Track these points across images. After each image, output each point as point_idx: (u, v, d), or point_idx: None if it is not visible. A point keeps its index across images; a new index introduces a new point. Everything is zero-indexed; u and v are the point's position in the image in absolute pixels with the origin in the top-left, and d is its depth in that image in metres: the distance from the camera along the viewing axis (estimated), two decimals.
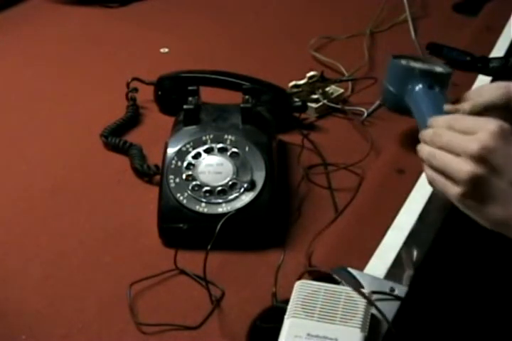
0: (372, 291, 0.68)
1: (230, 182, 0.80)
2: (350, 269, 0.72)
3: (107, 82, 1.13)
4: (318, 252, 0.77)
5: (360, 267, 0.73)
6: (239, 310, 0.71)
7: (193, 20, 1.35)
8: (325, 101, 1.03)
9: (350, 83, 1.09)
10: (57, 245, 0.80)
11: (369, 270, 0.73)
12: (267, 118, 0.91)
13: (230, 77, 0.99)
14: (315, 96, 1.04)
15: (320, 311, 0.64)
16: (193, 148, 0.82)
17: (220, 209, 0.78)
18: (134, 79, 1.04)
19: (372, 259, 0.75)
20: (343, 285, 0.68)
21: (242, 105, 0.86)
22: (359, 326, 0.63)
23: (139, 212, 0.85)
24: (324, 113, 1.04)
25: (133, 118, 1.02)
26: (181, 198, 0.79)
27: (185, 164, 0.81)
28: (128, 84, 1.04)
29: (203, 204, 0.79)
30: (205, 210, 0.78)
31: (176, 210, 0.79)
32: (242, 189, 0.79)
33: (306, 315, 0.64)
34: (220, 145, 0.82)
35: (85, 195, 0.88)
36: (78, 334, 0.69)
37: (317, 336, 0.62)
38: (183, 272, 0.76)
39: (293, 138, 0.97)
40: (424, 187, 0.71)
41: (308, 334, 0.62)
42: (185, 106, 0.85)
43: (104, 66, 1.19)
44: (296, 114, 1.00)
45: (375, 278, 0.72)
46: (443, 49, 1.13)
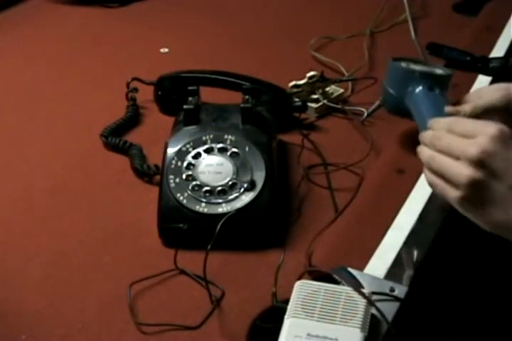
0: (373, 292, 0.68)
1: (230, 182, 0.80)
2: (350, 269, 0.72)
3: (107, 82, 1.13)
4: (318, 252, 0.77)
5: (360, 267, 0.73)
6: (239, 310, 0.71)
7: (193, 20, 1.35)
8: (325, 101, 1.03)
9: (350, 83, 1.09)
10: (57, 245, 0.80)
11: (369, 270, 0.73)
12: (267, 118, 0.91)
13: (230, 77, 0.99)
14: (315, 96, 1.04)
15: (320, 311, 0.64)
16: (193, 148, 0.82)
17: (220, 209, 0.78)
18: (134, 79, 1.04)
19: (372, 259, 0.75)
20: (343, 285, 0.68)
21: (242, 105, 0.86)
22: (359, 326, 0.63)
23: (139, 212, 0.85)
24: (324, 113, 1.04)
25: (133, 118, 1.02)
26: (181, 198, 0.79)
27: (185, 164, 0.81)
28: (128, 84, 1.04)
29: (203, 204, 0.79)
30: (205, 210, 0.78)
31: (176, 210, 0.79)
32: (242, 189, 0.79)
33: (306, 315, 0.64)
34: (220, 145, 0.82)
35: (85, 195, 0.88)
36: (78, 334, 0.69)
37: (317, 336, 0.62)
38: (183, 272, 0.76)
39: (293, 138, 0.97)
40: (424, 187, 0.71)
41: (308, 334, 0.62)
42: (185, 106, 0.85)
43: (104, 66, 1.19)
44: (296, 114, 1.00)
45: (375, 278, 0.72)
46: (443, 49, 1.13)
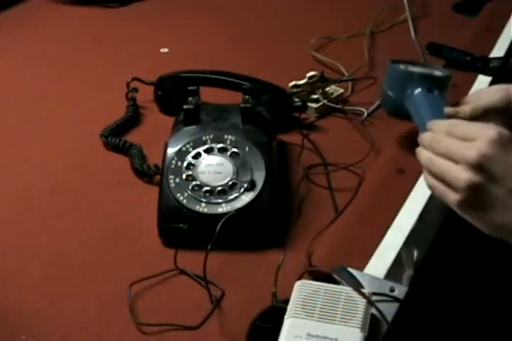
0: (373, 293, 0.68)
1: (230, 182, 0.80)
2: (350, 269, 0.72)
3: (107, 82, 1.13)
4: (318, 252, 0.77)
5: (360, 267, 0.73)
6: (239, 310, 0.71)
7: (193, 20, 1.35)
8: (325, 101, 1.03)
9: (350, 83, 1.09)
10: (57, 245, 0.80)
11: (369, 270, 0.73)
12: (267, 118, 0.91)
13: (230, 77, 0.99)
14: (315, 96, 1.04)
15: (320, 311, 0.64)
16: (193, 148, 0.82)
17: (220, 209, 0.78)
18: (134, 79, 1.04)
19: (372, 259, 0.75)
20: (343, 285, 0.68)
21: (242, 105, 0.86)
22: (359, 326, 0.63)
23: (139, 212, 0.85)
24: (324, 113, 1.04)
25: (133, 118, 1.02)
26: (181, 198, 0.79)
27: (185, 164, 0.81)
28: (128, 84, 1.04)
29: (203, 204, 0.79)
30: (205, 210, 0.78)
31: (176, 210, 0.79)
32: (242, 189, 0.79)
33: (306, 315, 0.64)
34: (220, 145, 0.82)
35: (85, 195, 0.88)
36: (78, 334, 0.69)
37: (317, 336, 0.62)
38: (183, 272, 0.76)
39: (293, 138, 0.97)
40: (424, 187, 0.71)
41: (308, 334, 0.62)
42: (185, 106, 0.85)
43: (104, 66, 1.19)
44: (296, 114, 1.00)
45: (375, 278, 0.72)
46: (443, 49, 1.13)
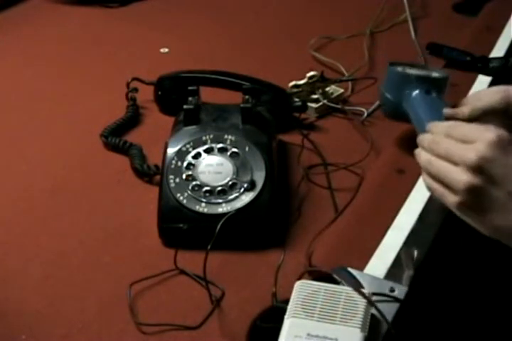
0: (373, 293, 0.68)
1: (230, 182, 0.80)
2: (350, 269, 0.72)
3: (107, 82, 1.13)
4: (318, 252, 0.77)
5: (360, 267, 0.73)
6: (239, 310, 0.71)
7: (193, 20, 1.35)
8: (325, 101, 1.03)
9: (350, 83, 1.09)
10: (57, 245, 0.80)
11: (369, 270, 0.73)
12: (267, 118, 0.91)
13: (230, 77, 0.99)
14: (315, 96, 1.04)
15: (320, 311, 0.64)
16: (193, 148, 0.82)
17: (220, 209, 0.78)
18: (134, 79, 1.04)
19: (372, 259, 0.75)
20: (343, 285, 0.68)
21: (242, 105, 0.86)
22: (359, 326, 0.63)
23: (139, 212, 0.85)
24: (324, 113, 1.04)
25: (133, 118, 1.02)
26: (181, 198, 0.79)
27: (185, 164, 0.81)
28: (128, 84, 1.04)
29: (203, 204, 0.79)
30: (205, 210, 0.78)
31: (176, 210, 0.79)
32: (242, 189, 0.79)
33: (306, 315, 0.64)
34: (220, 145, 0.82)
35: (85, 195, 0.88)
36: (78, 334, 0.69)
37: (317, 336, 0.62)
38: (183, 272, 0.76)
39: (293, 138, 0.97)
40: (424, 187, 0.71)
41: (308, 334, 0.62)
42: (185, 106, 0.85)
43: (104, 66, 1.19)
44: (296, 114, 1.00)
45: (375, 278, 0.72)
46: (443, 49, 1.13)
